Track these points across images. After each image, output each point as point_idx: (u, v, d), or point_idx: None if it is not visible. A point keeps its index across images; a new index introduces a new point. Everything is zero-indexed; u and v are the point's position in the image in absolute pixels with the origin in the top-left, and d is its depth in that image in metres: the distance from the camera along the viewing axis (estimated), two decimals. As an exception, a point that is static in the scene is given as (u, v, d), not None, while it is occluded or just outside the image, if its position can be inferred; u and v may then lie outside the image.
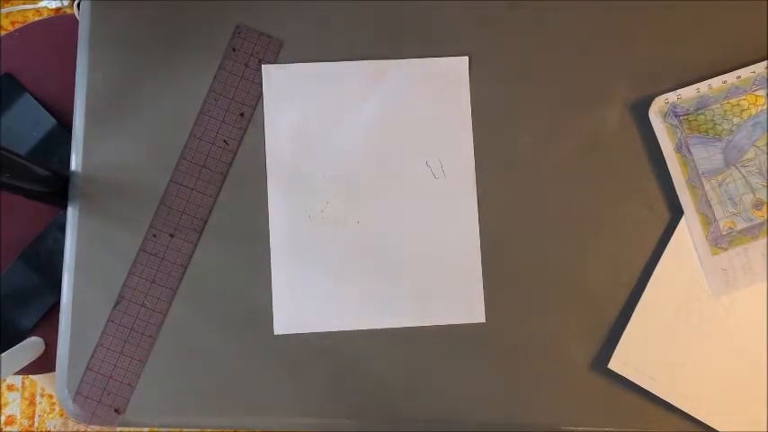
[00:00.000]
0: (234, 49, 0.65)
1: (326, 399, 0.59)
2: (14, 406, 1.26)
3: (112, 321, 0.62)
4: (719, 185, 0.63)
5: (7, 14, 1.29)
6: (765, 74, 0.64)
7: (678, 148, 0.63)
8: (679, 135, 0.63)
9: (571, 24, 0.66)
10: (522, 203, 0.63)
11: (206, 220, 0.64)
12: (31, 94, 0.80)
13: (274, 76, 0.65)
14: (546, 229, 0.63)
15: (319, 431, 0.63)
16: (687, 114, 0.64)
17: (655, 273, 0.62)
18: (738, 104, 0.64)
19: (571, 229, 0.63)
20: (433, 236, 0.63)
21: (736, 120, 0.64)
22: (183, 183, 0.64)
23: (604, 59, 0.65)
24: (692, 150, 0.63)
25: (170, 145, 0.64)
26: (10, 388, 1.27)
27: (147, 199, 0.64)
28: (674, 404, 0.60)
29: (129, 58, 0.66)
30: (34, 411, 1.26)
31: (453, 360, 0.62)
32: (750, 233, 0.63)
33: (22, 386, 1.27)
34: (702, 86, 0.64)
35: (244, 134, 0.65)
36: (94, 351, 0.62)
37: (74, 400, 0.61)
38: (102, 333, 0.62)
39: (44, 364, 0.77)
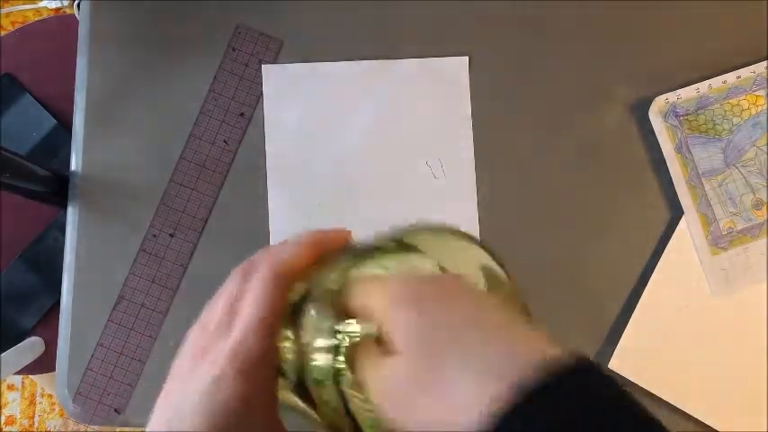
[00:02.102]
0: (234, 49, 0.65)
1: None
2: (14, 406, 1.26)
3: (112, 321, 0.62)
4: (719, 185, 0.63)
5: (7, 14, 1.29)
6: (765, 74, 0.64)
7: (678, 148, 0.63)
8: (679, 135, 0.63)
9: (571, 24, 0.66)
10: (522, 203, 0.63)
11: (206, 220, 0.63)
12: (31, 94, 0.80)
13: (274, 76, 0.65)
14: (546, 229, 0.63)
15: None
16: (687, 114, 0.64)
17: (655, 273, 0.62)
18: (738, 104, 0.64)
19: (571, 230, 0.63)
20: (433, 236, 0.63)
21: (736, 120, 0.64)
22: (183, 183, 0.64)
23: (604, 59, 0.65)
24: (692, 150, 0.63)
25: (170, 145, 0.64)
26: (10, 388, 1.27)
27: (147, 199, 0.64)
28: (675, 404, 0.60)
29: (129, 58, 0.66)
30: (34, 411, 1.26)
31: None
32: (750, 233, 0.63)
33: (22, 386, 1.27)
34: (702, 86, 0.64)
35: (244, 134, 0.65)
36: (94, 351, 0.62)
37: (74, 400, 0.61)
38: (102, 333, 0.62)
39: (44, 364, 0.77)
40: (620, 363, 0.61)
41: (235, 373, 0.27)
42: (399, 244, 0.29)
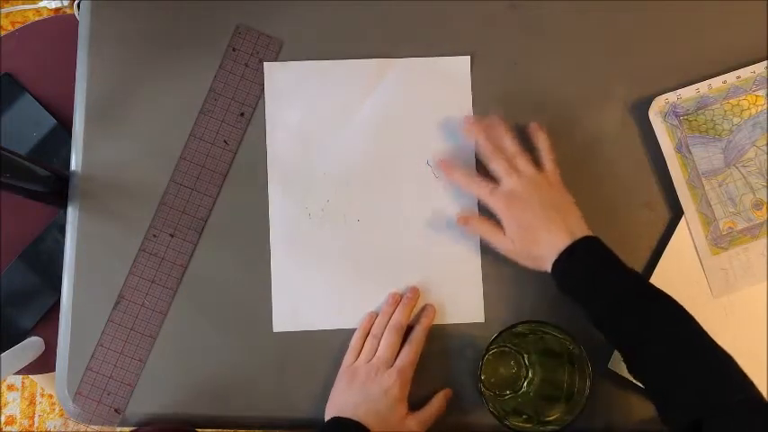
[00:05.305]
0: (234, 49, 0.65)
1: (326, 396, 0.59)
2: (14, 406, 1.26)
3: (112, 321, 0.62)
4: (719, 185, 0.63)
5: (7, 14, 1.29)
6: (765, 74, 0.64)
7: (678, 148, 0.63)
8: (679, 135, 0.63)
9: (571, 25, 0.66)
10: (522, 203, 0.63)
11: (206, 220, 0.63)
12: (31, 94, 0.80)
13: (276, 74, 0.65)
14: (546, 229, 0.63)
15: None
16: (687, 114, 0.64)
17: (655, 273, 0.62)
18: (738, 104, 0.64)
19: (571, 229, 0.63)
20: (433, 235, 0.63)
21: (736, 120, 0.64)
22: (183, 183, 0.64)
23: (604, 59, 0.65)
24: (692, 150, 0.63)
25: (170, 145, 0.64)
26: (10, 388, 1.27)
27: (147, 199, 0.64)
28: (674, 404, 0.60)
29: (129, 58, 0.66)
30: (34, 411, 1.26)
31: (452, 359, 0.62)
32: (750, 233, 0.63)
33: (22, 386, 1.27)
34: (702, 86, 0.64)
35: (244, 134, 0.65)
36: (94, 351, 0.62)
37: (74, 400, 0.61)
38: (102, 333, 0.62)
39: (44, 364, 0.77)
40: (620, 363, 0.61)
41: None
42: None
